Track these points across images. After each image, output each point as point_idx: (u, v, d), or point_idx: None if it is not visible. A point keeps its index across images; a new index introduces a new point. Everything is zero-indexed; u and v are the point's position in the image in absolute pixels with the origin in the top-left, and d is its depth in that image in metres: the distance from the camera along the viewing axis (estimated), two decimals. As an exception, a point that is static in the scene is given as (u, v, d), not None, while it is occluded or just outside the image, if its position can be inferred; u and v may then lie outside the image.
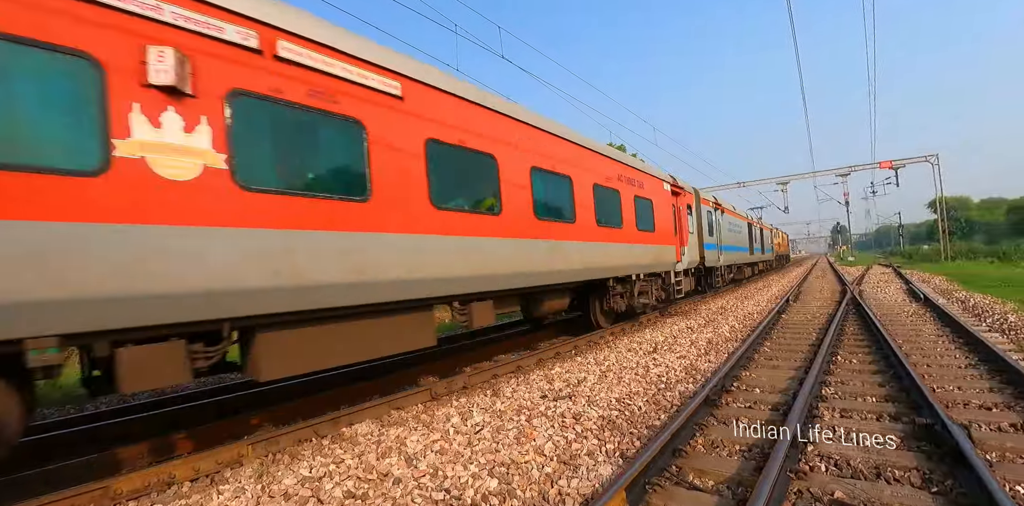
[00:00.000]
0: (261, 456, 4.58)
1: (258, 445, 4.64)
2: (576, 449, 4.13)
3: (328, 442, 4.78)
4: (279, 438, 4.82)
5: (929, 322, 9.43)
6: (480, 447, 4.26)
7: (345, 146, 4.78)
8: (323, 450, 4.55)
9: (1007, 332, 8.13)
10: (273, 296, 3.98)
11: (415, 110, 5.39)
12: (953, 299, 13.03)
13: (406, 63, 5.45)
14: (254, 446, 4.65)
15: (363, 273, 4.68)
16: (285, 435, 4.84)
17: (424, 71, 5.62)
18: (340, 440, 4.80)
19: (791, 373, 6.19)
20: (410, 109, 5.34)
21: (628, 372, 6.67)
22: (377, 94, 5.00)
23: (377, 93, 5.00)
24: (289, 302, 4.10)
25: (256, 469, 4.20)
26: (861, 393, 5.24)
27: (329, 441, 4.81)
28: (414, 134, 5.36)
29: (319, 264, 4.33)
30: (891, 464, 3.57)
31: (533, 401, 5.54)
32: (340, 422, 5.26)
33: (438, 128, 5.63)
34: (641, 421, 4.77)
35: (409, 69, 5.43)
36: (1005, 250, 37.43)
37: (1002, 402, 4.72)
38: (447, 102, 5.85)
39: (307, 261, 4.23)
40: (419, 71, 5.55)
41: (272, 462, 4.45)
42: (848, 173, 37.87)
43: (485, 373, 6.99)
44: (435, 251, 5.43)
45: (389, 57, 5.26)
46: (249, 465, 4.36)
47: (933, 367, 6.15)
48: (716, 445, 4.15)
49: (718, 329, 10.03)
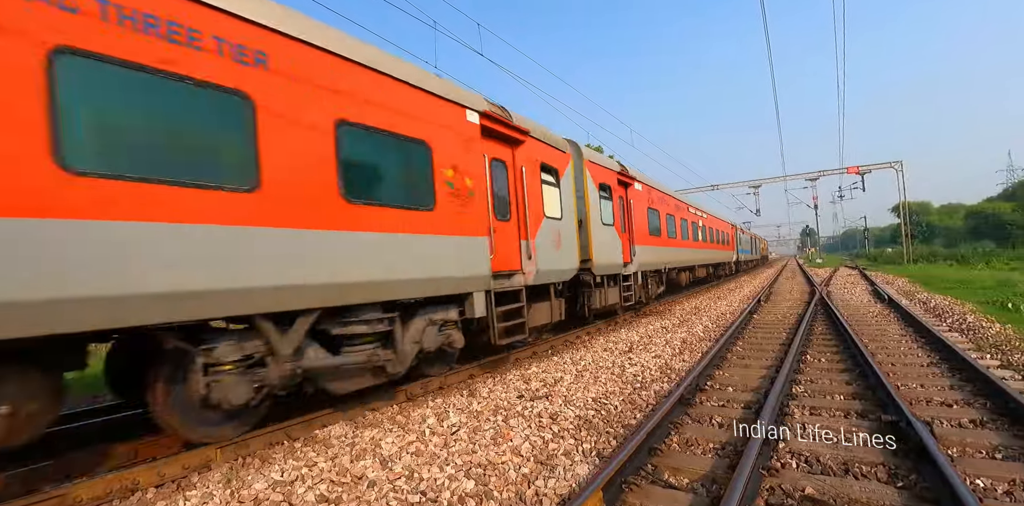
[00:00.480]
0: (230, 460, 4.46)
1: (227, 449, 4.51)
2: (553, 449, 4.12)
3: (300, 445, 4.67)
4: (249, 441, 4.69)
5: (893, 322, 9.74)
6: (457, 448, 4.22)
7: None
8: (295, 453, 4.44)
9: (966, 332, 8.45)
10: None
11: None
12: (915, 300, 13.49)
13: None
14: (223, 450, 4.52)
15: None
16: (256, 438, 4.71)
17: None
18: (313, 443, 4.69)
19: (763, 372, 6.31)
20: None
21: (604, 372, 6.71)
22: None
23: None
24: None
25: (225, 474, 4.08)
26: (830, 391, 5.38)
27: (302, 444, 4.70)
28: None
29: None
30: (859, 460, 3.67)
31: (510, 401, 5.52)
32: (313, 424, 5.15)
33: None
34: (617, 420, 4.80)
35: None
36: (963, 253, 39.07)
37: (962, 399, 4.89)
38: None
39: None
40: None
41: (242, 466, 4.33)
42: (817, 177, 38.95)
43: (461, 373, 6.94)
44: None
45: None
46: (218, 469, 4.24)
47: (897, 366, 6.35)
48: (691, 443, 4.20)
49: (692, 329, 10.18)
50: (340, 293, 4.60)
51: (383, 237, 5.00)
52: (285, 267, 4.16)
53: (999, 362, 6.28)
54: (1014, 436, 3.94)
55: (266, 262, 4.03)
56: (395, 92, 5.19)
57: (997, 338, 7.58)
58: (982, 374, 5.23)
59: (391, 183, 5.34)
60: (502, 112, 7.05)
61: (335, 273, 4.54)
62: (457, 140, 5.99)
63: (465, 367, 7.10)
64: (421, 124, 5.49)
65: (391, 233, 5.08)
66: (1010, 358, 6.37)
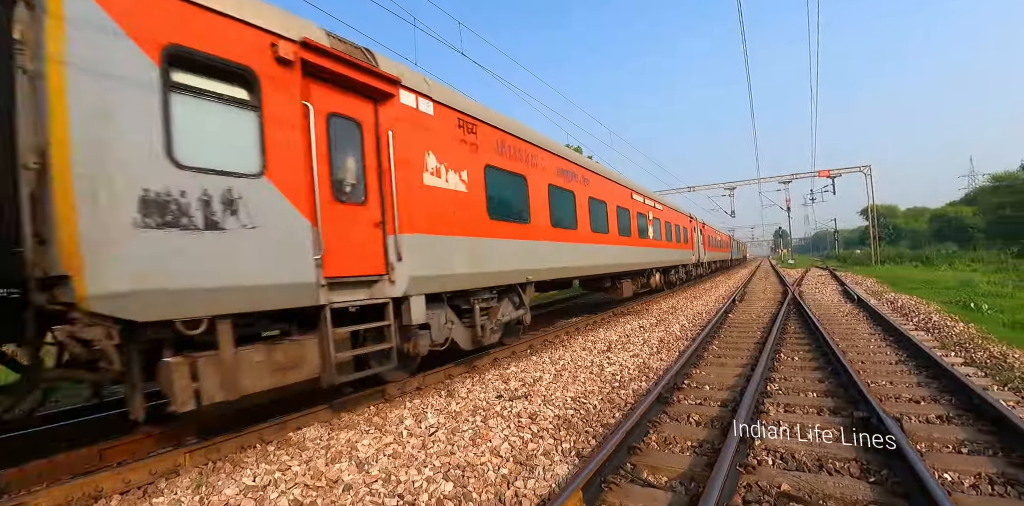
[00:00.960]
0: (200, 465, 4.33)
1: (197, 453, 4.38)
2: (532, 449, 4.10)
3: (274, 448, 4.55)
4: (220, 445, 4.56)
5: (863, 321, 10.00)
6: (435, 449, 4.16)
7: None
8: (268, 457, 4.33)
9: (931, 330, 8.72)
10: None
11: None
12: (883, 300, 13.88)
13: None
14: (192, 454, 4.39)
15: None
16: (227, 441, 4.58)
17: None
18: (287, 446, 4.58)
19: (738, 370, 6.40)
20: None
21: (583, 371, 6.72)
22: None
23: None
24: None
25: (195, 479, 3.96)
26: (803, 389, 5.48)
27: (275, 447, 4.58)
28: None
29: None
30: (832, 456, 3.73)
31: (489, 401, 5.48)
32: (287, 426, 5.03)
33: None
34: (596, 420, 4.80)
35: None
36: (928, 255, 40.45)
37: (929, 395, 5.03)
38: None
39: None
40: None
41: (212, 470, 4.21)
42: (790, 180, 39.85)
43: (439, 373, 6.86)
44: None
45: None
46: (187, 474, 4.12)
47: (867, 363, 6.50)
48: (669, 442, 4.22)
49: (669, 328, 10.28)
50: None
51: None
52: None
53: (963, 359, 6.49)
54: (978, 431, 4.06)
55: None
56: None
57: (961, 337, 7.84)
58: (948, 371, 5.39)
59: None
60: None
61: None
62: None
63: (444, 367, 7.03)
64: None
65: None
66: (973, 356, 6.59)
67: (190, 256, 3.59)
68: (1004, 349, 6.73)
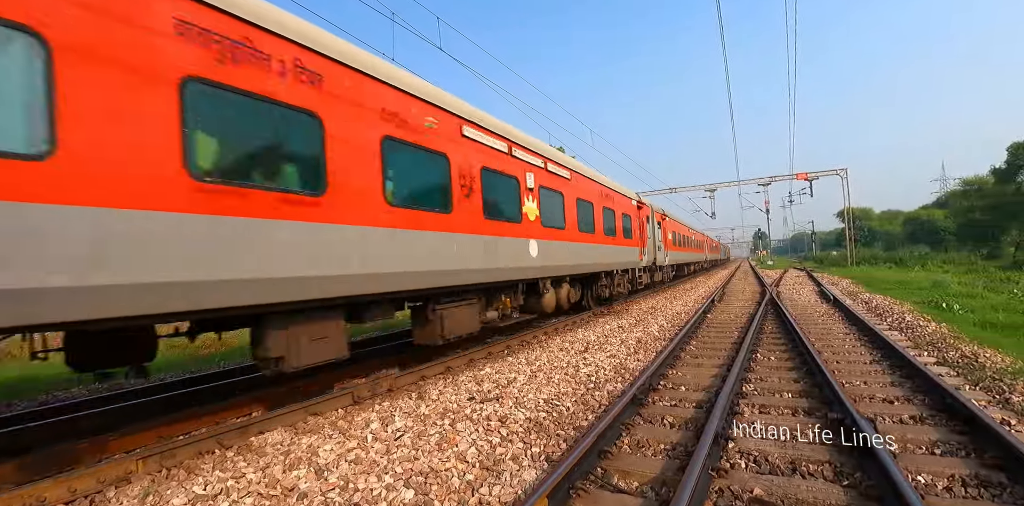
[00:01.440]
0: (153, 472, 4.09)
1: (151, 459, 4.14)
2: (500, 454, 3.94)
3: (233, 453, 4.34)
4: (177, 450, 4.32)
5: (839, 321, 10.06)
6: (398, 455, 3.98)
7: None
8: (225, 463, 4.12)
9: (904, 330, 8.79)
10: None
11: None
12: (859, 300, 14.04)
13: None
14: (146, 461, 4.15)
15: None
16: (183, 447, 4.35)
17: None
18: (247, 451, 4.36)
19: (715, 371, 6.33)
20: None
21: (558, 372, 6.58)
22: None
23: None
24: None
25: (146, 487, 3.74)
26: (778, 389, 5.42)
27: (234, 452, 4.36)
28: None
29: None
30: (806, 458, 3.65)
31: (460, 404, 5.31)
32: (249, 431, 4.81)
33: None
34: (569, 422, 4.67)
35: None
36: (901, 257, 41.38)
37: (903, 395, 5.01)
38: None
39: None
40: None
41: (166, 478, 3.98)
42: (769, 183, 40.35)
43: (413, 375, 6.67)
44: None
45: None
46: (138, 482, 3.89)
47: (842, 363, 6.49)
48: (642, 445, 4.10)
49: (648, 328, 10.23)
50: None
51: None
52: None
53: (935, 359, 6.52)
54: (951, 431, 4.02)
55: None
56: None
57: (933, 336, 7.90)
58: (921, 371, 5.38)
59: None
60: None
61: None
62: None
63: (418, 368, 6.84)
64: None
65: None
66: (945, 355, 6.62)
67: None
68: (975, 349, 6.78)
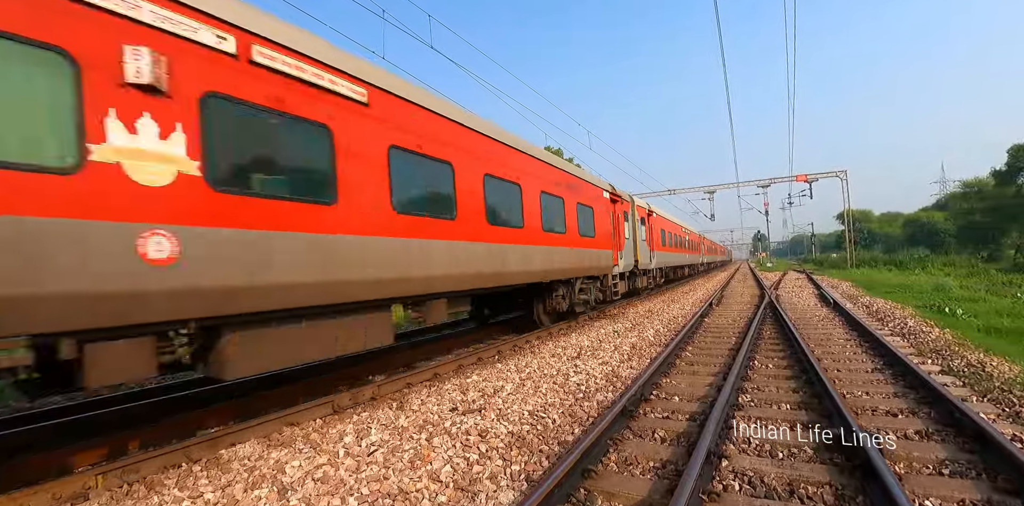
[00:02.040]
0: (114, 487, 3.84)
1: (113, 473, 3.89)
2: (477, 472, 3.68)
3: (200, 468, 4.08)
4: (141, 464, 4.07)
5: (839, 326, 9.79)
6: (367, 473, 3.72)
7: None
8: (187, 479, 3.86)
9: (907, 336, 8.53)
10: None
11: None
12: (859, 304, 13.78)
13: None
14: (106, 475, 3.89)
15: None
16: (150, 460, 4.09)
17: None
18: (214, 466, 4.11)
19: (710, 379, 6.07)
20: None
21: (547, 380, 6.31)
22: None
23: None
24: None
25: (103, 504, 3.49)
26: (776, 400, 5.16)
27: (202, 467, 4.11)
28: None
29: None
30: (804, 479, 3.39)
31: (441, 415, 5.05)
32: (220, 443, 4.55)
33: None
34: (554, 436, 4.40)
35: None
36: (901, 259, 41.11)
37: (907, 408, 4.75)
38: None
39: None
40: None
41: (125, 494, 3.73)
42: (768, 184, 40.08)
43: (398, 382, 6.42)
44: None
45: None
46: (96, 499, 3.64)
47: (843, 372, 6.23)
48: (630, 462, 3.84)
49: (643, 333, 9.96)
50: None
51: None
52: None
53: (940, 368, 6.26)
54: (959, 449, 3.77)
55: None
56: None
57: (937, 343, 7.64)
58: (925, 381, 5.13)
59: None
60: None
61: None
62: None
63: (404, 375, 6.59)
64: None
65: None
66: (950, 364, 6.36)
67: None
68: (981, 357, 6.51)
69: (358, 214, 5.16)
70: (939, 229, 60.52)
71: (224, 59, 4.03)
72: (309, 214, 4.62)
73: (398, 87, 6.02)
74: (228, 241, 3.94)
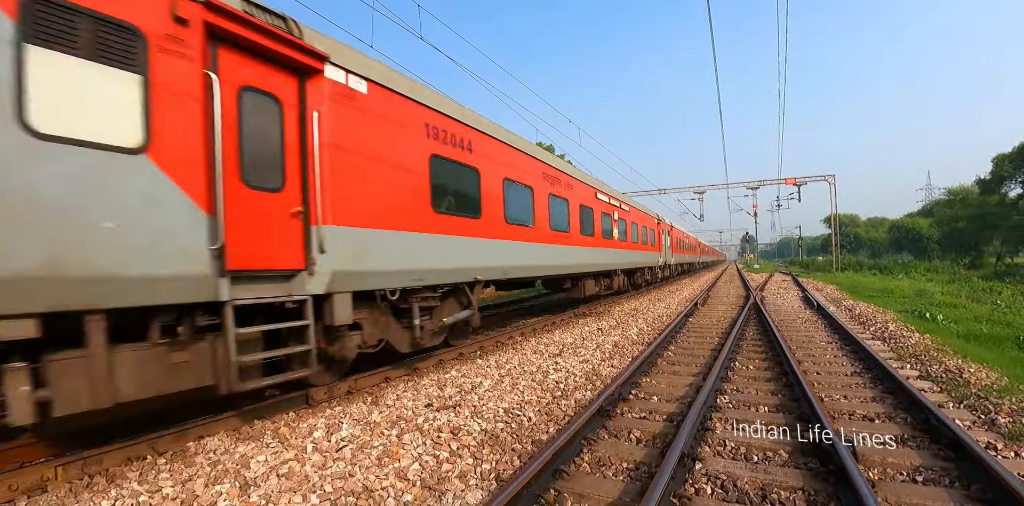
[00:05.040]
0: (74, 479, 3.71)
1: (73, 466, 3.76)
2: (446, 471, 3.59)
3: (165, 461, 3.96)
4: (104, 456, 3.93)
5: (821, 329, 9.82)
6: (333, 470, 3.61)
7: None
8: (149, 473, 3.74)
9: (887, 340, 8.57)
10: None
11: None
12: (842, 307, 13.86)
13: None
14: (66, 467, 3.75)
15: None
16: (114, 451, 3.95)
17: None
18: (182, 458, 3.99)
19: (690, 379, 6.04)
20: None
21: (526, 377, 6.23)
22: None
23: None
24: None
25: (61, 497, 3.42)
26: (754, 402, 5.12)
27: (167, 460, 3.98)
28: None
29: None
30: (777, 484, 3.34)
31: (416, 411, 4.95)
32: (188, 435, 4.42)
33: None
34: (528, 435, 4.32)
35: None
36: (885, 264, 41.65)
37: (884, 412, 4.73)
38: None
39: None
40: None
41: (85, 487, 3.60)
42: (757, 186, 40.31)
43: (376, 376, 6.30)
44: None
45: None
46: (55, 492, 3.53)
47: (823, 375, 6.22)
48: (603, 463, 3.77)
49: (627, 331, 9.92)
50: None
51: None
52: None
53: (918, 372, 6.27)
54: (934, 455, 3.74)
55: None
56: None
57: (916, 348, 7.67)
58: (903, 386, 5.11)
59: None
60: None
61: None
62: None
63: (382, 369, 6.46)
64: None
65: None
66: (929, 369, 6.38)
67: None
68: (959, 362, 6.54)
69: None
70: (923, 235, 61.35)
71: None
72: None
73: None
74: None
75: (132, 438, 4.15)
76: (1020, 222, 39.51)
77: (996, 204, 42.79)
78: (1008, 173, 40.58)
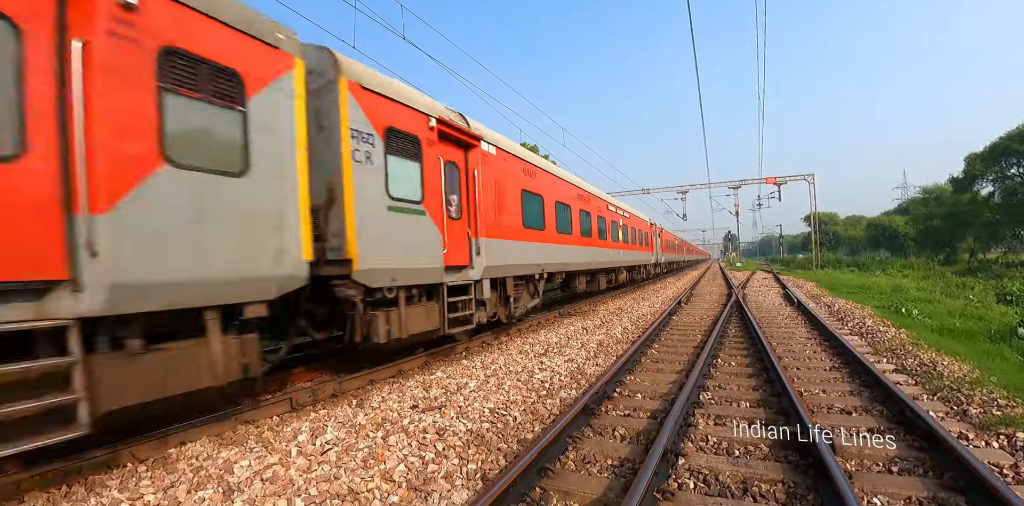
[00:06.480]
0: (51, 488, 3.62)
1: (51, 473, 3.66)
2: (432, 471, 3.59)
3: (146, 468, 3.89)
4: (82, 464, 3.85)
5: (801, 325, 10.01)
6: (318, 473, 3.59)
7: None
8: (130, 480, 3.67)
9: (864, 335, 8.77)
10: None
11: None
12: (821, 304, 14.14)
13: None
14: (43, 476, 3.67)
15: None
16: (91, 460, 3.87)
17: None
18: (163, 464, 3.93)
19: (674, 376, 6.11)
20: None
21: (512, 377, 6.25)
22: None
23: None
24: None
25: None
26: (736, 398, 5.21)
27: (148, 467, 3.91)
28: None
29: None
30: (759, 477, 3.41)
31: (401, 412, 4.93)
32: (169, 441, 4.35)
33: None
34: (513, 434, 4.34)
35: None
36: (863, 261, 42.52)
37: (861, 406, 4.84)
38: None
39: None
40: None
41: (63, 496, 3.52)
42: (739, 186, 40.86)
43: (362, 378, 6.26)
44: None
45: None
46: (31, 501, 3.43)
47: (802, 370, 6.35)
48: (588, 460, 3.81)
49: (611, 330, 10.00)
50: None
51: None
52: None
53: (894, 366, 6.43)
54: (908, 446, 3.85)
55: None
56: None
57: (892, 342, 7.86)
58: (880, 380, 5.24)
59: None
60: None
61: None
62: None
63: (367, 371, 6.43)
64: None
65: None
66: (904, 362, 6.54)
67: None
68: (933, 356, 6.72)
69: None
70: (900, 232, 62.70)
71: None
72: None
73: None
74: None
75: (109, 446, 4.07)
76: (992, 219, 40.63)
77: (969, 202, 43.93)
78: (980, 172, 41.68)
